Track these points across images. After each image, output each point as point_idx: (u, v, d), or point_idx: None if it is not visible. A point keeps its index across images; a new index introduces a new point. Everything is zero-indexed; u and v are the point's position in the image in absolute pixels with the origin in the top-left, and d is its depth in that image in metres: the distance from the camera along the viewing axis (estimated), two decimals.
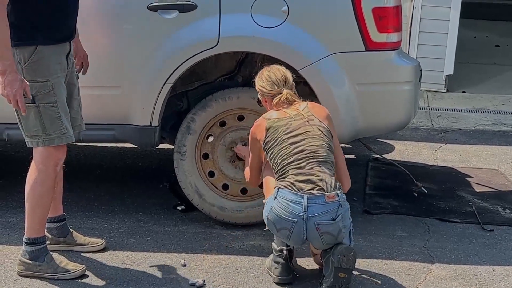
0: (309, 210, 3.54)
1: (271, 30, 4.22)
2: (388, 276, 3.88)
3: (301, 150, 3.66)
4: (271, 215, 3.63)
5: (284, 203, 3.58)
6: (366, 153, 6.00)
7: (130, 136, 4.42)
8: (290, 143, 3.68)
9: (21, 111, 3.48)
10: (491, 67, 9.83)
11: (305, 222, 3.55)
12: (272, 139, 3.72)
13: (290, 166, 3.64)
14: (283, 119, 3.73)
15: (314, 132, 3.72)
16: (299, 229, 3.57)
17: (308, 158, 3.65)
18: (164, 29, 4.26)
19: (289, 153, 3.66)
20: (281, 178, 3.67)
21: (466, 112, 7.70)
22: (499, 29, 12.37)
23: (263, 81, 3.85)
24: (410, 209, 4.83)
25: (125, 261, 3.98)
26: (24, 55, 3.52)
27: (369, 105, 4.39)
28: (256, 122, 3.86)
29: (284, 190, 3.61)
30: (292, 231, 3.59)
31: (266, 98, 3.87)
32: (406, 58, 4.64)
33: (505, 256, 4.18)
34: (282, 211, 3.58)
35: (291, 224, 3.57)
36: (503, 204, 5.01)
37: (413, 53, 8.15)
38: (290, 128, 3.70)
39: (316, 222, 3.54)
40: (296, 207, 3.56)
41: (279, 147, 3.69)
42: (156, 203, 4.84)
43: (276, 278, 3.76)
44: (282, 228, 3.61)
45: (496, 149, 6.43)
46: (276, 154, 3.69)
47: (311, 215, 3.54)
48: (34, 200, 3.69)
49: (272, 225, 3.65)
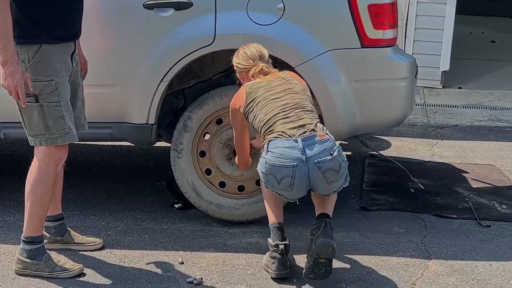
0: (306, 151, 3.55)
1: (267, 27, 4.23)
2: (385, 272, 3.89)
3: (285, 104, 3.72)
4: (268, 167, 3.59)
5: (279, 151, 3.57)
6: (362, 149, 6.01)
7: (127, 134, 4.43)
8: (272, 99, 3.74)
9: (21, 103, 3.48)
10: (487, 63, 9.85)
11: (305, 163, 3.55)
12: (253, 100, 3.78)
13: (277, 117, 3.68)
14: (262, 82, 3.82)
15: (296, 89, 3.81)
16: (301, 172, 3.55)
17: (293, 108, 3.70)
18: (160, 27, 4.26)
19: (272, 107, 3.72)
20: (268, 132, 3.68)
21: (462, 108, 7.72)
22: (494, 25, 12.39)
23: (239, 58, 3.95)
24: (407, 205, 4.84)
25: (123, 259, 3.99)
26: (28, 54, 3.52)
27: (365, 101, 4.40)
28: (233, 98, 3.94)
29: (275, 140, 3.62)
30: (294, 177, 3.55)
31: (243, 74, 3.94)
32: (402, 54, 4.65)
33: (502, 251, 4.19)
34: (279, 159, 3.56)
35: (292, 170, 3.55)
36: (500, 199, 5.02)
37: (409, 50, 8.16)
38: (270, 87, 3.79)
39: (316, 161, 3.55)
40: (292, 151, 3.56)
41: (261, 104, 3.74)
42: (153, 201, 4.84)
43: (273, 273, 3.76)
44: (283, 177, 3.57)
45: (492, 144, 6.44)
46: (259, 112, 3.73)
47: (310, 155, 3.55)
48: (34, 199, 3.68)
49: (272, 178, 3.60)
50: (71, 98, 3.73)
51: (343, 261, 3.97)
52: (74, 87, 3.79)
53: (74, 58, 3.74)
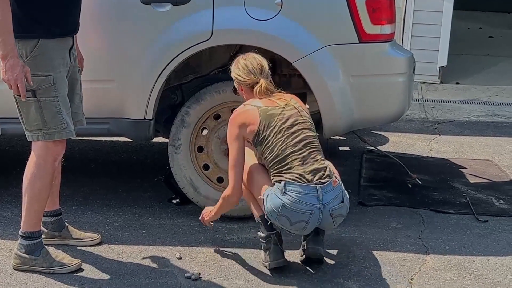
0: (324, 199, 3.62)
1: (265, 23, 4.23)
2: (383, 267, 3.89)
3: (300, 140, 3.68)
4: (285, 211, 3.61)
5: (297, 197, 3.59)
6: (360, 145, 6.01)
7: (125, 130, 4.42)
8: (289, 133, 3.68)
9: (21, 96, 3.48)
10: (485, 58, 9.85)
11: (321, 211, 3.63)
12: (267, 128, 3.68)
13: (293, 156, 3.65)
14: (276, 108, 3.72)
15: (307, 123, 3.76)
16: (315, 218, 3.64)
17: (308, 147, 3.69)
18: (158, 22, 4.25)
19: (288, 142, 3.66)
20: (283, 170, 3.65)
21: (460, 103, 7.73)
22: (492, 20, 12.40)
23: (239, 69, 3.83)
24: (405, 201, 4.85)
25: (121, 255, 3.99)
26: (26, 49, 3.52)
27: (363, 97, 4.40)
28: (240, 110, 3.78)
29: (292, 184, 3.61)
30: (309, 222, 3.64)
31: (243, 86, 3.86)
32: (399, 49, 4.65)
33: (499, 246, 4.20)
34: (297, 205, 3.60)
35: (308, 216, 3.62)
36: (497, 194, 5.02)
37: (406, 45, 8.16)
38: (284, 117, 3.70)
39: (330, 208, 3.65)
40: (311, 198, 3.60)
41: (276, 136, 3.67)
42: (151, 196, 4.84)
43: (271, 263, 3.78)
44: (298, 222, 3.63)
45: (490, 140, 6.45)
46: (275, 145, 3.66)
47: (325, 203, 3.63)
48: (32, 194, 3.68)
49: (285, 219, 3.63)
50: (69, 93, 3.73)
51: (341, 256, 3.98)
52: (72, 82, 3.79)
53: (72, 53, 3.73)
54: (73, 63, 3.76)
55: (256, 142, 3.72)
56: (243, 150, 3.77)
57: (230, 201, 3.82)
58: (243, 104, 3.82)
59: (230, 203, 3.85)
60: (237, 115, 3.77)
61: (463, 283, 3.74)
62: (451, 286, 3.71)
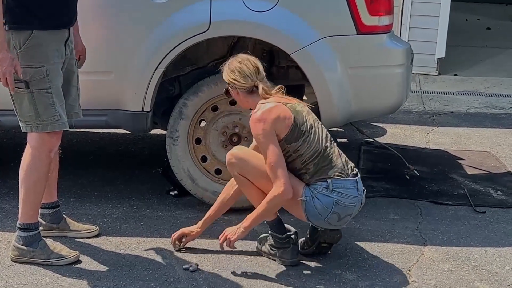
0: (360, 190, 3.70)
1: (263, 14, 4.22)
2: (381, 258, 3.90)
3: (326, 134, 3.73)
4: (338, 208, 3.61)
5: (345, 191, 3.63)
6: (358, 136, 6.01)
7: (123, 122, 4.42)
8: (317, 127, 3.69)
9: (10, 89, 3.48)
10: (483, 50, 9.84)
11: (360, 202, 3.70)
12: (302, 123, 3.62)
13: (329, 151, 3.66)
14: (297, 104, 3.69)
15: (318, 119, 3.78)
16: (357, 210, 3.73)
17: (332, 140, 3.74)
18: (155, 14, 4.25)
19: (320, 137, 3.67)
20: (325, 166, 3.62)
21: (458, 95, 7.72)
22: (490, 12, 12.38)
23: (235, 73, 3.67)
24: (403, 192, 4.85)
25: (119, 247, 3.99)
26: (19, 40, 3.51)
27: (361, 88, 4.40)
28: (269, 106, 3.58)
29: (339, 179, 3.63)
30: (352, 214, 3.72)
31: (239, 90, 3.71)
32: (397, 41, 4.65)
33: (497, 237, 4.20)
34: (347, 200, 3.63)
35: (354, 209, 3.69)
36: (495, 186, 5.03)
37: (404, 36, 8.15)
38: (306, 113, 3.70)
39: (362, 198, 3.73)
40: (354, 191, 3.66)
41: (311, 131, 3.65)
42: (149, 188, 4.84)
43: (287, 261, 3.78)
44: (345, 216, 3.68)
45: (488, 131, 6.45)
46: (312, 139, 3.63)
47: (361, 193, 3.71)
48: (28, 186, 3.68)
49: (335, 216, 3.64)
50: (65, 85, 3.72)
51: (339, 247, 3.98)
52: (69, 74, 3.78)
53: (68, 45, 3.72)
54: (69, 55, 3.75)
55: (289, 139, 3.60)
56: (279, 149, 3.59)
57: (279, 200, 3.58)
58: (261, 103, 3.64)
59: (278, 204, 3.63)
60: (268, 111, 3.57)
61: (460, 274, 3.75)
62: (449, 277, 3.72)
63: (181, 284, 3.59)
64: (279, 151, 3.57)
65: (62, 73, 3.67)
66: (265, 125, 3.57)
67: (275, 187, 3.56)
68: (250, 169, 3.70)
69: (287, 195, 3.55)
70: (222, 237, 3.79)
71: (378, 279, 3.68)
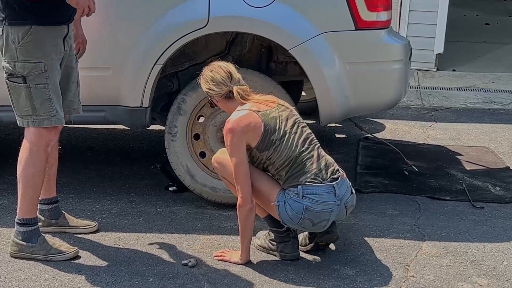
0: (339, 195, 3.65)
1: (261, 10, 4.21)
2: (379, 253, 3.90)
3: (305, 138, 3.67)
4: (308, 214, 3.60)
5: (318, 198, 3.60)
6: (357, 132, 6.02)
7: (121, 118, 4.42)
8: (294, 134, 3.64)
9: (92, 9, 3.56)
10: (481, 45, 9.85)
11: (339, 206, 3.67)
12: (273, 132, 3.59)
13: (304, 156, 3.62)
14: (272, 110, 3.64)
15: (301, 120, 3.74)
16: (334, 214, 3.68)
17: (313, 144, 3.69)
18: (154, 10, 4.24)
19: (296, 143, 3.63)
20: (297, 173, 3.60)
21: (456, 90, 7.73)
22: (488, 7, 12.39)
23: (209, 83, 3.67)
24: (401, 188, 4.86)
25: (118, 242, 3.99)
26: (18, 35, 3.51)
27: (359, 84, 4.40)
28: (239, 115, 3.58)
29: (311, 186, 3.59)
30: (329, 219, 3.68)
31: (217, 98, 3.70)
32: (396, 36, 4.65)
33: (495, 233, 4.21)
34: (319, 206, 3.60)
35: (329, 214, 3.65)
36: (493, 181, 5.03)
37: (403, 32, 8.15)
38: (283, 118, 3.65)
39: (345, 201, 3.69)
40: (330, 196, 3.62)
41: (283, 139, 3.61)
42: (148, 184, 4.85)
43: (287, 255, 3.79)
44: (320, 221, 3.65)
45: (486, 127, 6.46)
46: (283, 147, 3.60)
47: (341, 197, 3.66)
48: (26, 181, 3.68)
49: (308, 222, 3.63)
50: (65, 81, 3.72)
51: (337, 243, 3.98)
52: (68, 70, 3.78)
53: (67, 41, 3.71)
54: (68, 51, 3.75)
55: (261, 148, 3.61)
56: (247, 158, 3.61)
57: (243, 210, 3.61)
58: (236, 110, 3.64)
59: (246, 214, 3.62)
60: (238, 121, 3.58)
61: (459, 269, 3.75)
62: (447, 272, 3.72)
63: (180, 279, 3.60)
64: (243, 163, 3.57)
65: (60, 69, 3.67)
66: (235, 135, 3.57)
67: (238, 199, 3.62)
68: (230, 173, 3.68)
69: (246, 205, 3.60)
70: (218, 254, 3.82)
71: (377, 274, 3.69)
